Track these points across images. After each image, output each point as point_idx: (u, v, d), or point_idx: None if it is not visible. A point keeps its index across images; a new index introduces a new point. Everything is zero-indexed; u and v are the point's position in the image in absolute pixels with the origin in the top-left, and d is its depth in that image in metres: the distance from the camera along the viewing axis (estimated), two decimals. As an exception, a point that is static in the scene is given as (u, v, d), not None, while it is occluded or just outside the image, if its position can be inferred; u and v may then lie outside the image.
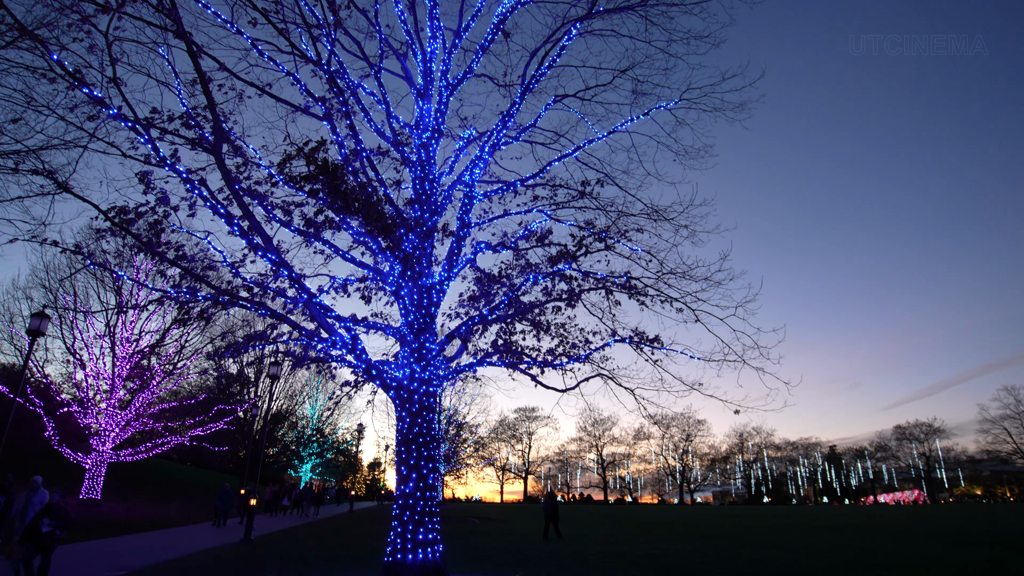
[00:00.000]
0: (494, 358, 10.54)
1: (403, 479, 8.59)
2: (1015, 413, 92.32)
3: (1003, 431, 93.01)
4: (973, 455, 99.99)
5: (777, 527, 28.08)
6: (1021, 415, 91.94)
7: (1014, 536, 20.12)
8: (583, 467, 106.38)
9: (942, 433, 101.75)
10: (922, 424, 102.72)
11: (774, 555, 15.13)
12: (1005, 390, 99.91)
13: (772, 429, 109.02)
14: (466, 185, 10.85)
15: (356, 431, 42.80)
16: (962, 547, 16.70)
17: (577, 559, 14.35)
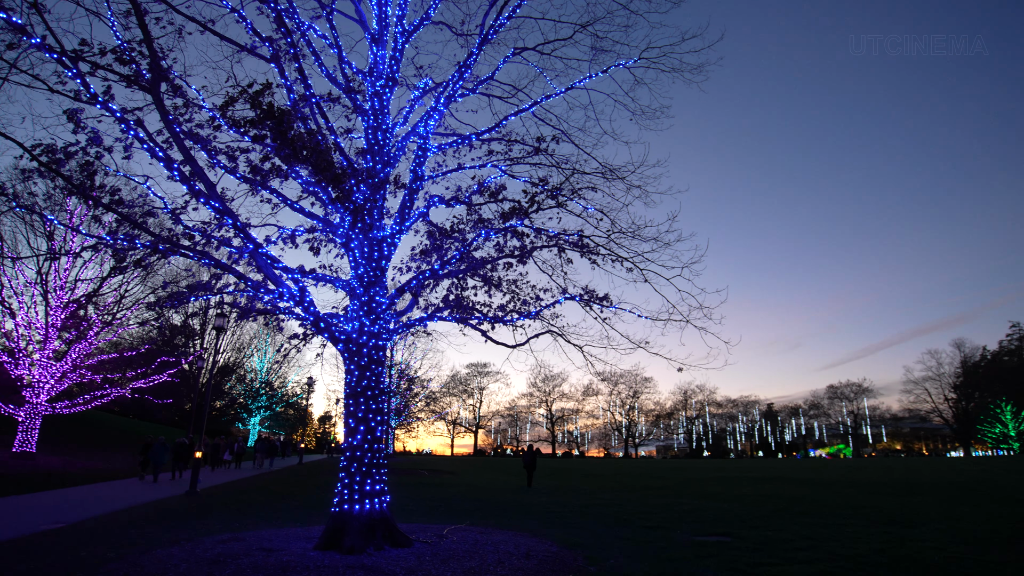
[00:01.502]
0: (445, 313, 10.55)
1: (351, 432, 8.62)
2: (936, 375, 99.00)
3: (924, 391, 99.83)
4: (896, 413, 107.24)
5: (715, 479, 29.57)
6: (941, 377, 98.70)
7: (924, 485, 21.77)
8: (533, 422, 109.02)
9: (870, 393, 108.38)
10: (853, 384, 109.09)
11: (711, 504, 15.98)
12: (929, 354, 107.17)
13: (715, 387, 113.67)
14: (420, 137, 10.62)
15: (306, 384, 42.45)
16: (879, 495, 17.99)
17: (525, 509, 14.82)
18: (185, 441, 24.86)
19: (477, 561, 7.53)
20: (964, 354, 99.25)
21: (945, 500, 16.25)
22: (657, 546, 9.16)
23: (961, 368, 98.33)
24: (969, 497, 17.02)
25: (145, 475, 22.45)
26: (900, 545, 9.00)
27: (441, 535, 9.39)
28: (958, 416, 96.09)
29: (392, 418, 35.64)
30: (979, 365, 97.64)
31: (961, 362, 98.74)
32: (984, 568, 7.26)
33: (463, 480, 28.24)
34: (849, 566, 7.49)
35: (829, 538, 9.72)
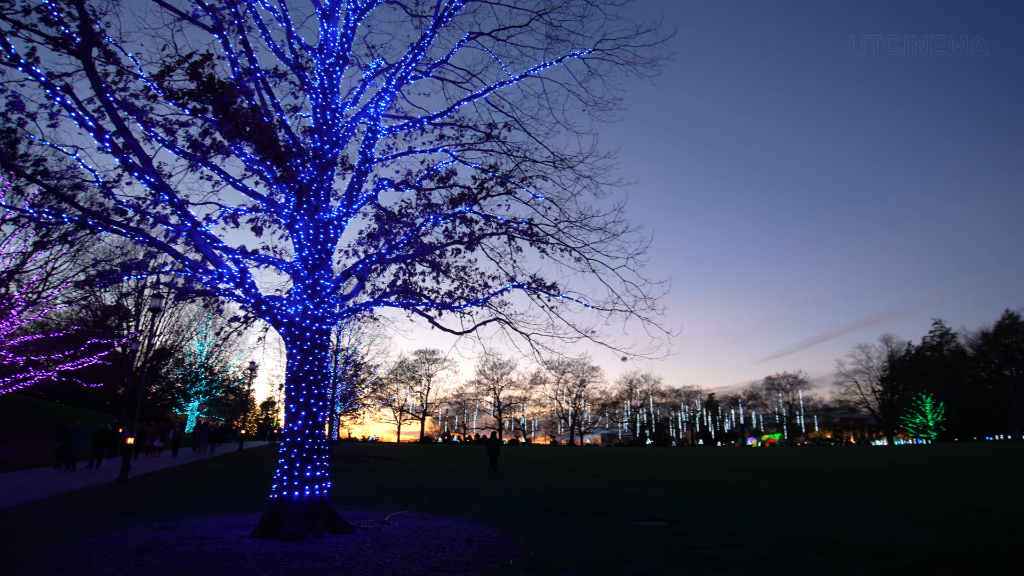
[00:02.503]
0: (392, 298, 10.42)
1: (291, 417, 8.43)
2: (865, 368, 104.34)
3: (854, 384, 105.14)
4: (828, 404, 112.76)
5: (657, 466, 30.38)
6: (869, 370, 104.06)
7: (850, 472, 22.95)
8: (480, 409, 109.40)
9: (805, 384, 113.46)
10: (790, 376, 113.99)
11: (652, 490, 16.41)
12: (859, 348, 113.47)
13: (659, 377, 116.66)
14: (371, 118, 10.39)
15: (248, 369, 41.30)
16: (809, 482, 18.86)
17: (470, 495, 14.87)
18: (108, 427, 23.28)
19: (418, 547, 7.51)
20: (891, 349, 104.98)
21: (869, 486, 17.16)
22: (598, 531, 9.35)
23: (888, 362, 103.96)
24: (890, 483, 18.03)
25: (60, 463, 20.25)
26: (827, 528, 9.46)
27: (383, 522, 9.32)
28: (883, 407, 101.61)
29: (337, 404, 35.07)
30: (904, 360, 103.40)
31: (888, 356, 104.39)
32: (900, 547, 7.70)
33: (409, 467, 28.12)
34: (779, 548, 7.82)
35: (761, 522, 10.13)
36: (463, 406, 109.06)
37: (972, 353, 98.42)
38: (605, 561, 7.20)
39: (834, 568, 6.68)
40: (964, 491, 15.25)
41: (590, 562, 7.15)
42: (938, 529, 9.28)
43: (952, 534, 8.82)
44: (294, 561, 6.51)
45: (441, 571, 6.41)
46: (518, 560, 7.15)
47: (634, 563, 7.05)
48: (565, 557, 7.37)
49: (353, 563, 6.54)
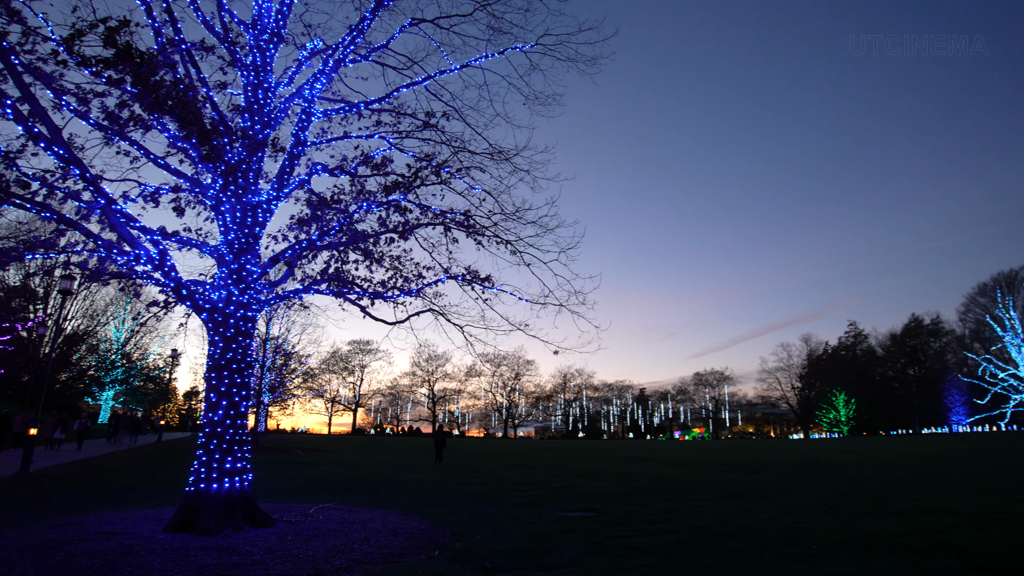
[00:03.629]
0: (323, 286, 10.16)
1: (212, 406, 8.10)
2: (786, 366, 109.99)
3: (776, 380, 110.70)
4: (751, 400, 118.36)
5: (587, 458, 31.00)
6: (790, 368, 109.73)
7: (768, 464, 24.14)
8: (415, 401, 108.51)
9: (731, 380, 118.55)
10: (716, 372, 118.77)
11: (581, 481, 16.73)
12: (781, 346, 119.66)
13: (593, 371, 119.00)
14: (305, 100, 10.06)
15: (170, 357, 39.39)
16: (730, 473, 19.71)
17: (400, 487, 14.73)
18: None
19: (342, 539, 7.38)
20: (810, 348, 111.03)
21: (784, 477, 18.09)
22: (525, 522, 9.45)
23: (807, 360, 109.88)
24: (803, 474, 19.08)
25: None
26: (742, 516, 9.91)
27: (307, 514, 9.11)
28: (801, 403, 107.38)
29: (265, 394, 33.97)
30: (821, 358, 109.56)
31: (807, 355, 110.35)
32: (806, 534, 8.15)
33: (339, 459, 27.59)
34: (696, 535, 8.14)
35: (683, 511, 10.51)
36: (397, 398, 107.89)
37: (881, 353, 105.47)
38: (530, 550, 7.29)
39: (744, 554, 7.01)
40: (865, 481, 16.31)
41: (515, 551, 7.22)
42: (840, 516, 9.89)
43: (852, 520, 9.41)
44: (209, 556, 6.27)
45: (365, 563, 6.32)
46: (443, 551, 7.14)
47: (558, 552, 7.17)
48: (491, 547, 7.42)
49: (272, 556, 6.36)
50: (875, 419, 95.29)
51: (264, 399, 34.41)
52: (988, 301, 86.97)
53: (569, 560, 6.79)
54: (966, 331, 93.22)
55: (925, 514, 10.05)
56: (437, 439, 28.49)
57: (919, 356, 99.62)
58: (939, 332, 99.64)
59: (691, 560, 6.73)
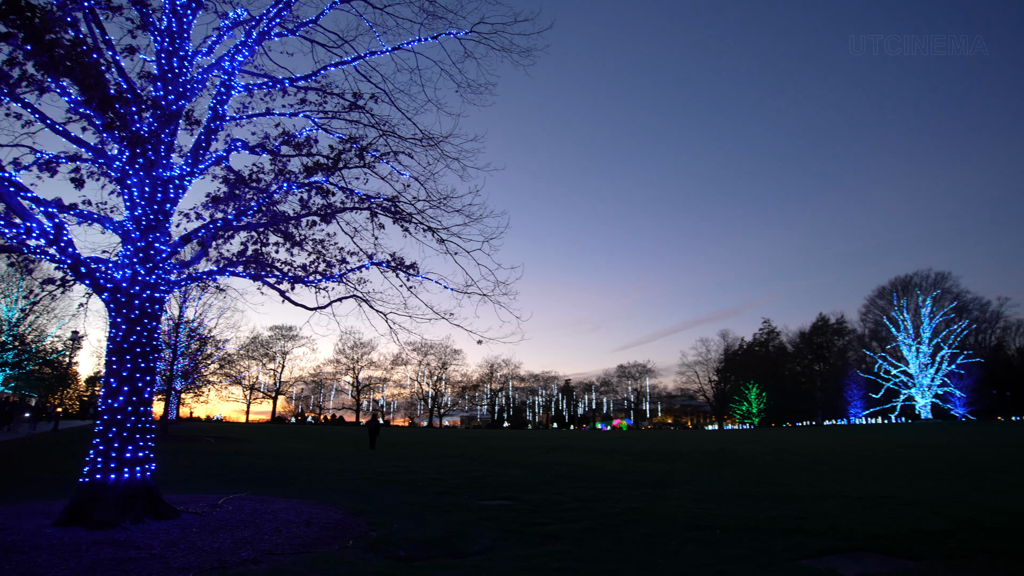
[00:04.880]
0: (239, 268, 9.74)
1: (112, 392, 7.61)
2: (704, 360, 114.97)
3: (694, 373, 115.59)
4: (671, 392, 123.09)
5: (510, 447, 31.30)
6: (708, 362, 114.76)
7: (683, 453, 25.17)
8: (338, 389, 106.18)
9: (652, 373, 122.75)
10: (639, 365, 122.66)
11: (503, 470, 16.88)
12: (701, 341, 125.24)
13: (520, 362, 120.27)
14: (226, 72, 9.56)
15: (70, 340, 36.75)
16: (647, 462, 20.41)
17: (318, 476, 14.40)
18: None
19: (251, 531, 7.13)
20: (727, 343, 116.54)
21: (696, 465, 18.91)
22: (444, 510, 9.45)
23: (724, 355, 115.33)
24: (714, 462, 20.01)
25: None
26: (654, 503, 10.28)
27: (215, 505, 8.74)
28: (717, 395, 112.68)
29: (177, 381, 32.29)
30: (737, 353, 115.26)
31: (724, 350, 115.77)
32: (711, 519, 8.56)
33: (255, 448, 26.65)
34: (609, 522, 8.38)
35: (598, 499, 10.79)
36: (320, 385, 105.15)
37: (791, 350, 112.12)
38: (446, 538, 7.30)
39: (654, 539, 7.29)
40: (770, 469, 17.30)
41: (431, 540, 7.21)
42: (745, 502, 10.45)
43: (755, 506, 9.97)
44: (103, 550, 5.91)
45: (274, 554, 6.14)
46: (358, 541, 7.03)
47: (473, 540, 7.21)
48: (407, 536, 7.37)
49: (174, 550, 6.07)
50: (783, 411, 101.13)
51: (176, 385, 32.70)
52: (886, 303, 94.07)
53: (484, 548, 6.84)
54: (866, 331, 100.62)
55: (820, 499, 10.77)
56: (371, 427, 29.36)
57: (824, 353, 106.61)
58: (843, 331, 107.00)
59: (602, 546, 6.93)
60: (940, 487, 12.56)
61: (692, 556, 6.37)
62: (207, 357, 35.64)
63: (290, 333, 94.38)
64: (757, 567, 5.84)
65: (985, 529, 7.76)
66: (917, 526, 8.01)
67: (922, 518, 8.68)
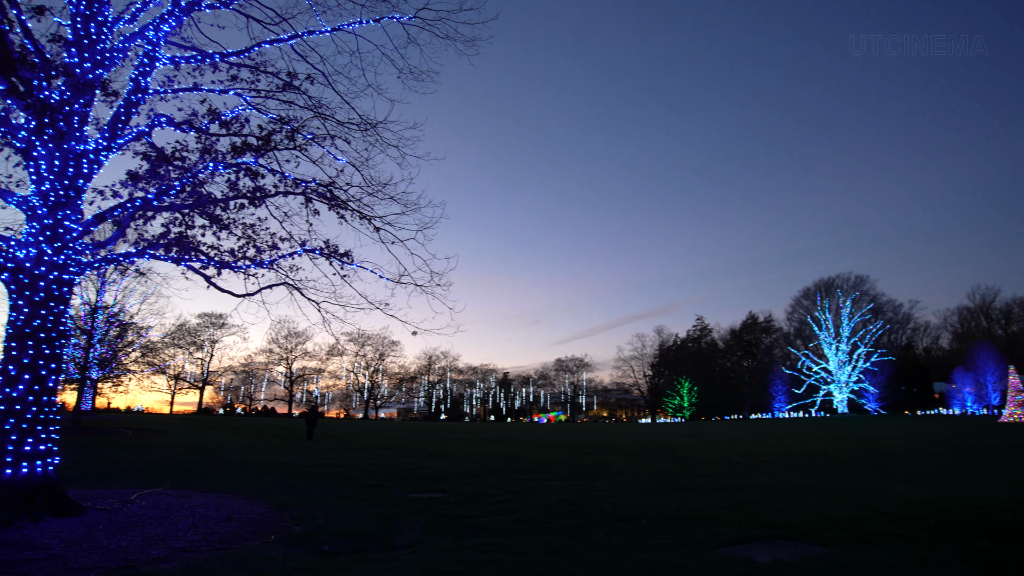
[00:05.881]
0: (160, 251, 9.22)
1: (10, 381, 7.05)
2: (640, 355, 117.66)
3: (630, 368, 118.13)
4: (607, 386, 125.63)
5: (446, 439, 31.18)
6: (643, 357, 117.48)
7: (615, 446, 25.73)
8: (271, 379, 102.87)
9: (589, 367, 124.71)
10: (576, 359, 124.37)
11: (436, 463, 16.76)
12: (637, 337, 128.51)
13: (458, 354, 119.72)
14: (150, 43, 8.98)
15: (-27, 324, 34.03)
16: (580, 454, 20.73)
17: (243, 469, 13.90)
18: None
19: (165, 527, 6.78)
20: (662, 339, 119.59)
21: (627, 458, 19.34)
22: (373, 503, 9.28)
23: (658, 350, 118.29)
24: (645, 455, 20.53)
25: None
26: (584, 495, 10.43)
27: (127, 501, 8.28)
28: (651, 390, 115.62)
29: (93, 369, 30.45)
30: (671, 349, 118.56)
31: (659, 345, 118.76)
32: (639, 510, 8.75)
33: (178, 440, 25.51)
34: (539, 514, 8.43)
35: (530, 491, 10.85)
36: (251, 376, 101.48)
37: (722, 346, 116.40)
38: (373, 532, 7.16)
39: (582, 530, 7.38)
40: (697, 461, 17.90)
41: (357, 534, 7.06)
42: (672, 493, 10.74)
43: (681, 496, 10.26)
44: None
45: (188, 551, 5.85)
46: (281, 536, 6.81)
47: (401, 533, 7.11)
48: (333, 530, 7.19)
49: (77, 549, 5.70)
50: (713, 405, 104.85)
51: (92, 374, 30.81)
52: (810, 304, 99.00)
53: (411, 541, 6.74)
54: (791, 329, 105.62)
55: (743, 489, 11.19)
56: (309, 419, 29.31)
57: (753, 350, 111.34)
58: (770, 329, 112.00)
59: (531, 537, 6.95)
60: (851, 477, 13.30)
61: (617, 546, 6.48)
62: (128, 345, 33.75)
63: (220, 321, 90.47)
64: (679, 555, 6.00)
65: (888, 515, 8.24)
66: (829, 514, 8.43)
67: (834, 506, 9.15)
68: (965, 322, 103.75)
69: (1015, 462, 16.84)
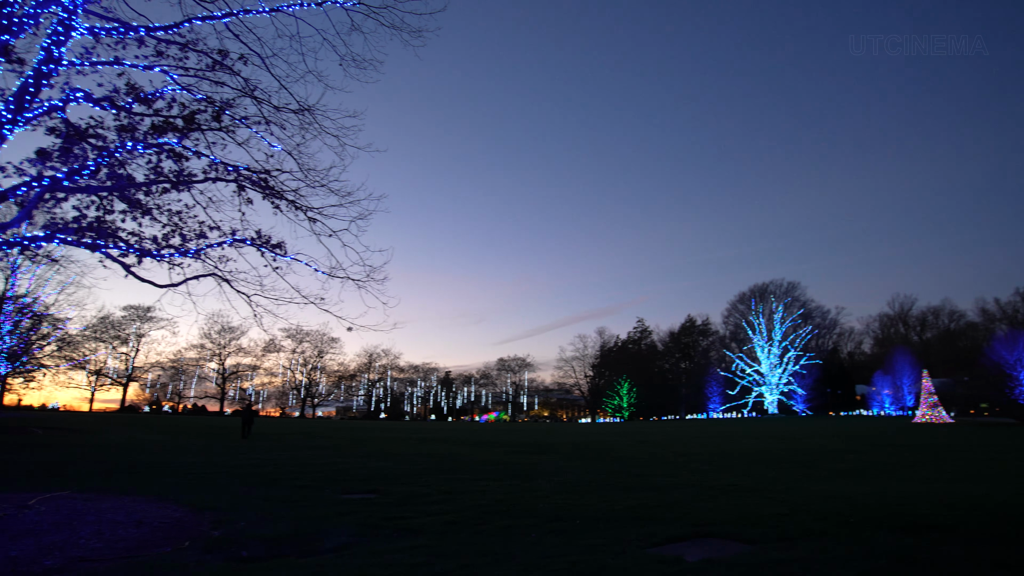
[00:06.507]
0: (72, 236, 8.57)
1: None
2: (581, 356, 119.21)
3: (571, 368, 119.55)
4: (548, 386, 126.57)
5: (384, 438, 30.61)
6: (585, 357, 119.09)
7: (554, 445, 25.85)
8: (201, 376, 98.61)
9: (531, 367, 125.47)
10: (519, 359, 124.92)
11: (372, 462, 16.35)
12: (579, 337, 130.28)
13: (400, 352, 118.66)
14: (65, 10, 8.34)
15: None
16: (519, 454, 20.69)
17: (166, 470, 13.16)
18: None
19: (65, 534, 6.26)
20: (603, 340, 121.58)
21: (565, 457, 19.43)
22: (301, 505, 8.91)
23: (600, 351, 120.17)
24: (583, 454, 20.68)
25: None
26: (520, 495, 10.33)
27: (25, 506, 7.63)
28: (592, 390, 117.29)
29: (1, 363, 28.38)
30: (612, 350, 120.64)
31: (600, 346, 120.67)
32: (573, 509, 8.72)
33: (96, 439, 24.03)
34: (473, 514, 8.28)
35: (465, 491, 10.68)
36: (181, 372, 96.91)
37: (662, 348, 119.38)
38: (298, 536, 6.84)
39: (515, 531, 7.26)
40: (633, 460, 18.14)
41: (281, 537, 6.72)
42: (607, 492, 10.79)
43: (616, 496, 10.31)
44: None
45: (88, 560, 5.41)
46: (196, 541, 6.40)
47: (328, 537, 6.81)
48: (255, 534, 6.83)
49: (-42, 558, 5.16)
50: (651, 406, 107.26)
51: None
52: (745, 308, 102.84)
53: (338, 544, 6.47)
54: (727, 332, 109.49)
55: (676, 488, 11.36)
56: (245, 416, 29.28)
57: (690, 352, 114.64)
58: (707, 332, 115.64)
59: (462, 539, 6.78)
60: (779, 475, 13.73)
61: (549, 547, 6.39)
62: (42, 337, 31.61)
63: (147, 314, 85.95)
64: (609, 555, 5.96)
65: (811, 512, 8.49)
66: (757, 511, 8.62)
67: (762, 504, 9.37)
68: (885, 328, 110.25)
69: (926, 460, 17.83)
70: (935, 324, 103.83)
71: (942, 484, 12.09)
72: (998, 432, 37.28)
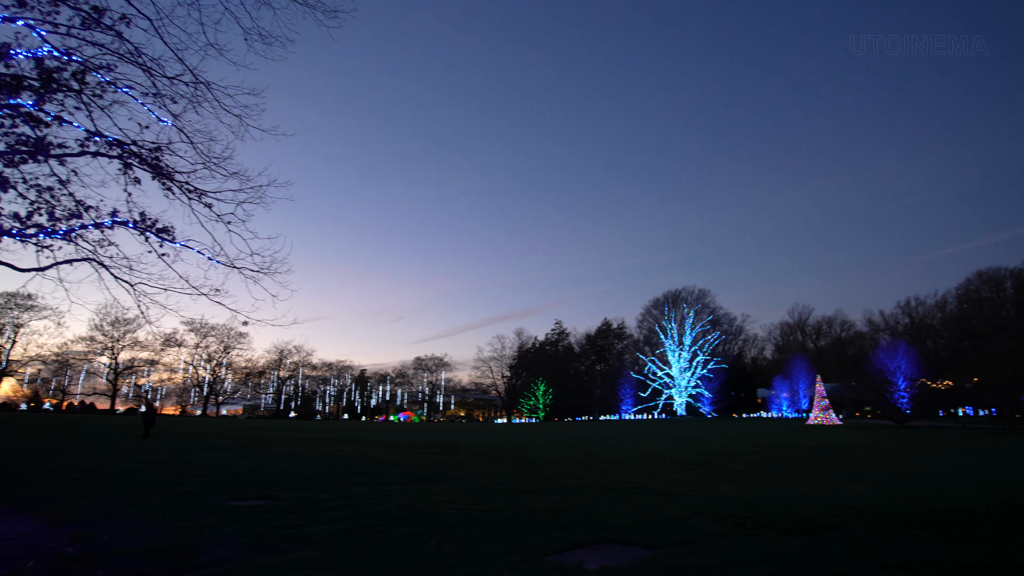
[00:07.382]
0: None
1: None
2: (499, 356, 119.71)
3: (489, 369, 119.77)
4: (465, 386, 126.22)
5: (289, 439, 29.29)
6: (503, 358, 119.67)
7: (464, 446, 25.60)
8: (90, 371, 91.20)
9: (449, 367, 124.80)
10: (436, 358, 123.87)
11: (270, 465, 15.47)
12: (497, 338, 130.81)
13: (313, 349, 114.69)
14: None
15: None
16: (429, 455, 20.27)
17: (28, 476, 11.86)
18: None
19: None
20: (521, 341, 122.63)
21: (476, 458, 19.18)
22: (180, 514, 8.17)
23: (518, 352, 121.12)
24: (494, 455, 20.50)
25: None
26: (423, 500, 9.97)
27: None
28: (508, 390, 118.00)
29: None
30: (530, 351, 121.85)
31: (519, 347, 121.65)
32: (476, 515, 8.47)
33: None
34: (371, 522, 7.86)
35: (366, 496, 10.20)
36: (66, 366, 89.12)
37: (578, 350, 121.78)
38: (170, 549, 6.20)
39: (413, 539, 6.93)
40: (544, 462, 18.14)
41: (149, 552, 6.07)
42: (513, 496, 10.62)
43: (521, 499, 10.16)
44: None
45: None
46: (44, 561, 5.65)
47: (206, 550, 6.22)
48: (118, 549, 6.13)
49: None
50: (566, 407, 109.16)
51: None
52: (659, 313, 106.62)
53: (216, 559, 5.90)
54: (641, 336, 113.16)
55: (581, 491, 11.35)
56: (147, 416, 28.80)
57: (606, 355, 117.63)
58: (622, 335, 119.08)
59: (356, 549, 6.37)
60: (683, 476, 14.08)
61: (446, 557, 6.10)
62: None
63: (27, 303, 78.45)
64: (506, 566, 5.74)
65: (711, 515, 8.66)
66: (659, 515, 8.70)
67: (664, 507, 9.48)
68: (785, 335, 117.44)
69: (817, 460, 18.92)
70: (829, 332, 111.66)
71: (831, 484, 12.78)
72: (879, 433, 40.48)
